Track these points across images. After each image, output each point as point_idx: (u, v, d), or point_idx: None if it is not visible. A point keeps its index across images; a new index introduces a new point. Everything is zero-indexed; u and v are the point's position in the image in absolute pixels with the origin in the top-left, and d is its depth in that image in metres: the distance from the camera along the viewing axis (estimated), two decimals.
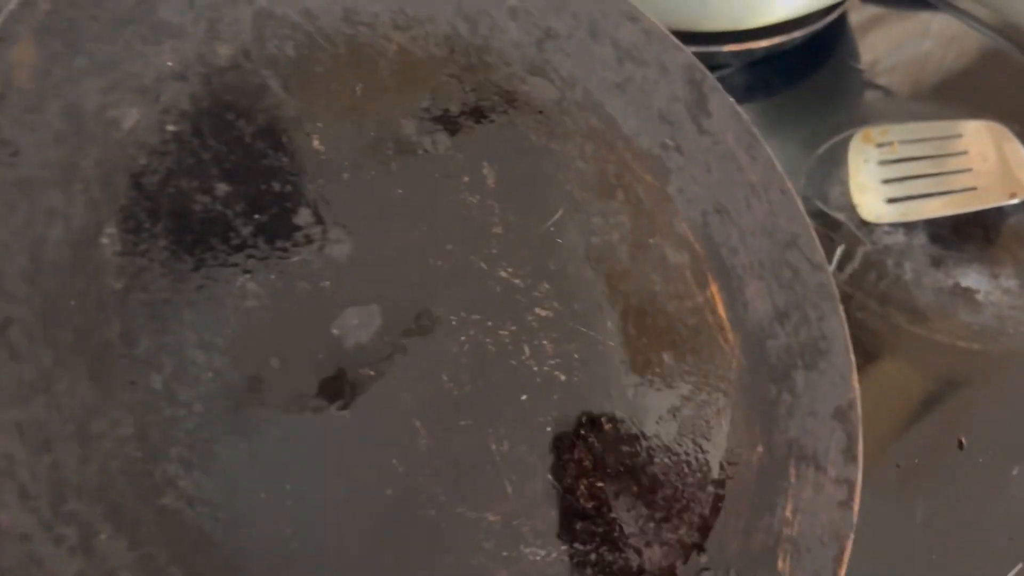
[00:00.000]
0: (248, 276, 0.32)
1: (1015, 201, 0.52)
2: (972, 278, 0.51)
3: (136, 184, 0.31)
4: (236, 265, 0.32)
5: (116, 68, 0.31)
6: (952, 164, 0.52)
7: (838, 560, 0.37)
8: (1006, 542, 0.42)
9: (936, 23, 0.66)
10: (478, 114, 0.39)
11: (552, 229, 0.38)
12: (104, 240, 0.30)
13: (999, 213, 0.53)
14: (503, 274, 0.36)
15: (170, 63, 0.33)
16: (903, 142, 0.43)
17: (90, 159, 0.30)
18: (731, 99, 0.44)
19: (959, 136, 0.53)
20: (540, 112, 0.40)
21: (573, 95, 0.41)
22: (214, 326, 0.30)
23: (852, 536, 0.37)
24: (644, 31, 0.43)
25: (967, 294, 0.50)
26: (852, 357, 0.41)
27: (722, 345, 0.40)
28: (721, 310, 0.41)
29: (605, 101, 0.42)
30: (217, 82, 0.34)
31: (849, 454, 0.39)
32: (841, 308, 0.42)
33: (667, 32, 0.44)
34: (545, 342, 0.36)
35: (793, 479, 0.38)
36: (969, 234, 0.52)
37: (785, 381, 0.40)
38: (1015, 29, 0.63)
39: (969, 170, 0.52)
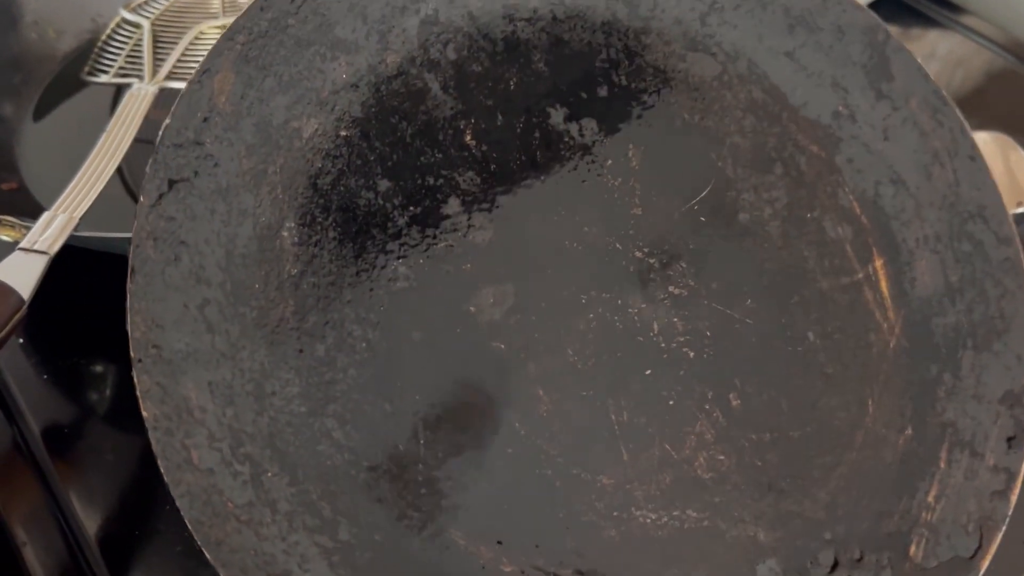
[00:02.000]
0: (400, 261, 0.37)
1: (1022, 210, 0.51)
2: None
3: (313, 184, 0.37)
4: (391, 252, 0.37)
5: (299, 85, 0.38)
6: None
7: (983, 551, 0.36)
8: None
9: (944, 43, 0.66)
10: (629, 97, 0.41)
11: (696, 208, 0.40)
12: (284, 233, 0.37)
13: None
14: (638, 254, 0.39)
15: (345, 76, 0.39)
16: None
17: (276, 165, 0.37)
18: (918, 60, 0.41)
19: None
20: (696, 89, 0.41)
21: (735, 68, 0.42)
22: (369, 304, 0.36)
23: (1003, 528, 0.36)
24: None
25: None
26: None
27: (879, 323, 0.40)
28: (884, 286, 0.40)
29: (771, 71, 0.42)
30: (385, 89, 0.39)
31: (1015, 441, 0.37)
32: None
33: None
34: (676, 320, 0.38)
35: (943, 464, 0.38)
36: None
37: (949, 361, 0.39)
38: (1021, 46, 0.63)
39: None
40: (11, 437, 0.41)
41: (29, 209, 0.47)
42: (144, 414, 0.33)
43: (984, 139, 0.52)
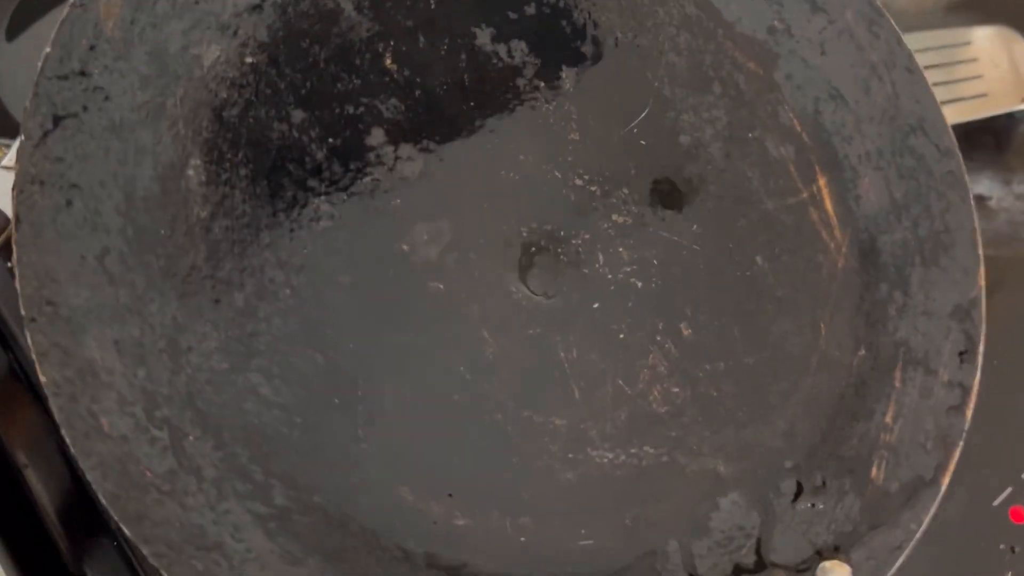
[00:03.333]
0: (323, 198, 0.34)
1: None
2: (984, 185, 0.49)
3: (218, 117, 0.34)
4: (311, 188, 0.34)
5: (195, 8, 0.34)
6: (962, 72, 0.47)
7: (942, 468, 0.35)
8: None
9: None
10: (558, 15, 0.38)
11: (635, 131, 0.37)
12: (190, 172, 0.33)
13: (1011, 119, 0.50)
14: (578, 182, 0.36)
15: None
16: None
17: (175, 98, 0.33)
18: None
19: (968, 43, 0.50)
20: (629, 6, 0.39)
21: None
22: (291, 247, 0.33)
23: (961, 443, 0.35)
24: None
25: (979, 201, 0.48)
26: (980, 251, 0.38)
27: (827, 243, 0.38)
28: (829, 205, 0.39)
29: None
30: (292, 10, 0.35)
31: (967, 356, 0.37)
32: (971, 197, 0.38)
33: None
34: (621, 249, 0.36)
35: (898, 383, 0.37)
36: (980, 141, 0.50)
37: (898, 279, 0.38)
38: None
39: (979, 77, 0.49)
40: (7, 363, 0.37)
41: (9, 129, 0.43)
42: (42, 379, 0.29)
43: (988, 34, 0.51)
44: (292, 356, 0.32)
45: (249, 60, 0.34)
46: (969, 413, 0.36)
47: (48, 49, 0.31)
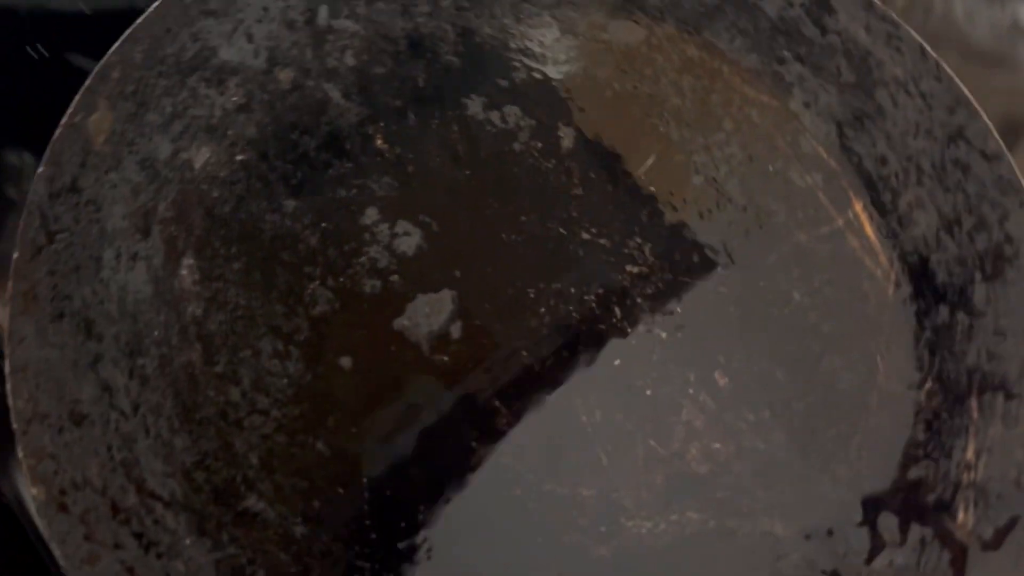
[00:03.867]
0: (317, 283, 0.33)
1: None
2: None
3: (210, 215, 0.33)
4: (306, 274, 0.33)
5: (184, 115, 0.34)
6: None
7: None
8: None
9: None
10: (550, 77, 0.37)
11: (643, 177, 0.36)
12: (183, 272, 0.33)
13: None
14: (585, 236, 0.34)
15: (235, 98, 0.35)
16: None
17: (166, 201, 0.33)
18: None
19: None
20: (624, 58, 0.38)
21: (662, 29, 0.38)
22: (287, 335, 0.32)
23: None
24: None
25: None
26: None
27: (872, 270, 0.35)
28: (869, 230, 0.36)
29: (702, 27, 0.38)
30: (280, 106, 0.35)
31: None
32: None
33: None
34: (639, 300, 0.34)
35: (975, 414, 0.32)
36: None
37: (960, 299, 0.34)
38: None
39: None
40: None
41: None
42: (32, 490, 0.28)
43: None
44: (292, 447, 0.31)
45: (239, 158, 0.34)
46: None
47: (41, 168, 0.32)
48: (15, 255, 0.31)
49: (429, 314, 0.33)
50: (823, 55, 0.38)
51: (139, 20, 0.34)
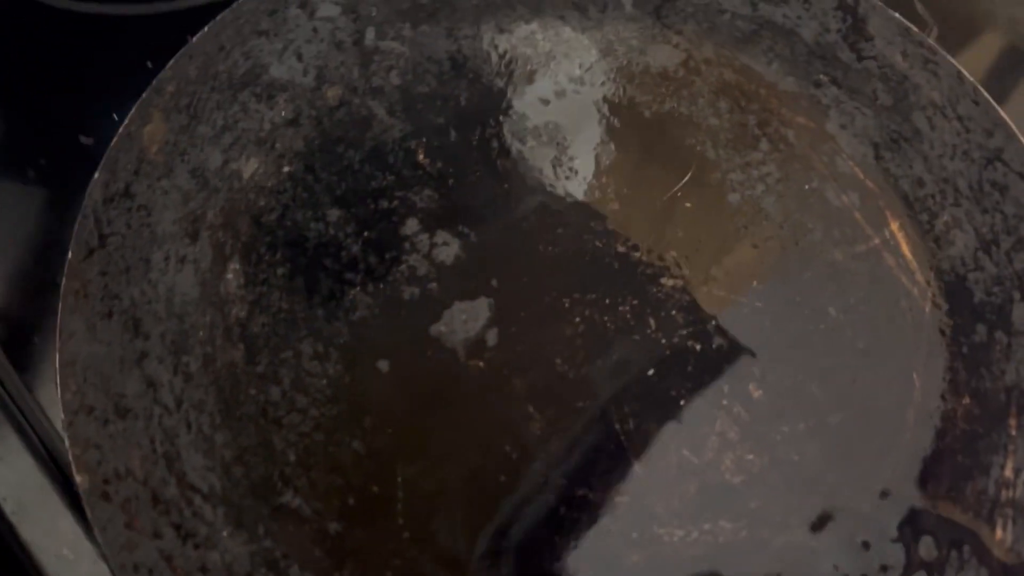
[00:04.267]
0: (358, 289, 0.34)
1: None
2: None
3: (256, 223, 0.34)
4: (347, 280, 0.34)
5: (235, 128, 0.36)
6: None
7: None
8: None
9: None
10: (590, 96, 0.38)
11: (679, 195, 0.36)
12: (229, 276, 0.33)
13: None
14: (621, 249, 0.35)
15: (284, 113, 0.36)
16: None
17: (215, 209, 0.34)
18: (896, 15, 0.38)
19: None
20: (662, 80, 0.38)
21: (701, 53, 0.39)
22: (327, 338, 0.33)
23: None
24: None
25: None
26: None
27: (908, 288, 0.35)
28: (906, 249, 0.36)
29: (739, 52, 0.39)
30: (327, 121, 0.37)
31: None
32: None
33: None
34: (674, 312, 0.34)
35: (1014, 431, 0.32)
36: None
37: (998, 319, 0.34)
38: None
39: None
40: None
41: None
42: (76, 479, 0.29)
43: None
44: (329, 446, 0.31)
45: (286, 169, 0.36)
46: None
47: (97, 175, 0.33)
48: (69, 255, 0.32)
49: (466, 321, 0.33)
50: (859, 79, 0.38)
51: (194, 39, 0.36)
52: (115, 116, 0.39)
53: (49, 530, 0.33)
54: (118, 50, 0.42)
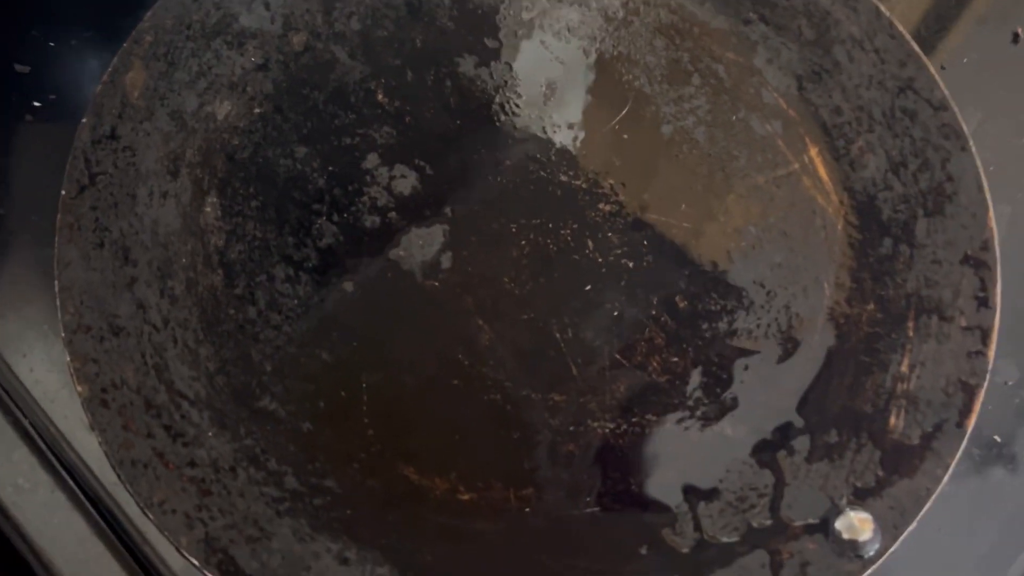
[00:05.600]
0: (324, 218, 0.37)
1: None
2: None
3: (231, 160, 0.38)
4: (315, 211, 0.37)
5: (209, 73, 0.39)
6: None
7: (965, 411, 0.34)
8: None
9: None
10: (536, 37, 0.41)
11: (617, 127, 0.39)
12: (207, 208, 0.37)
13: None
14: (563, 178, 0.38)
15: (253, 59, 0.40)
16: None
17: (193, 148, 0.38)
18: None
19: None
20: (604, 19, 0.41)
21: None
22: (297, 263, 0.36)
23: (985, 384, 0.34)
24: None
25: None
26: (986, 195, 0.37)
27: (823, 207, 0.39)
28: (823, 172, 0.39)
29: None
30: (294, 65, 0.40)
31: (983, 299, 0.36)
32: (971, 144, 0.38)
33: None
34: (610, 234, 0.37)
35: (911, 333, 0.36)
36: None
37: (902, 233, 0.38)
38: None
39: None
40: None
41: None
42: (78, 389, 0.33)
43: None
44: (302, 357, 0.35)
45: (257, 110, 0.39)
46: (991, 354, 0.35)
47: (84, 119, 0.37)
48: (62, 193, 0.36)
49: (422, 246, 0.37)
50: (786, 16, 0.41)
51: None
52: (51, 43, 0.42)
53: (3, 461, 0.36)
54: None
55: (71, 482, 0.38)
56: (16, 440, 0.37)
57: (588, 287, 0.37)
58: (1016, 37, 0.41)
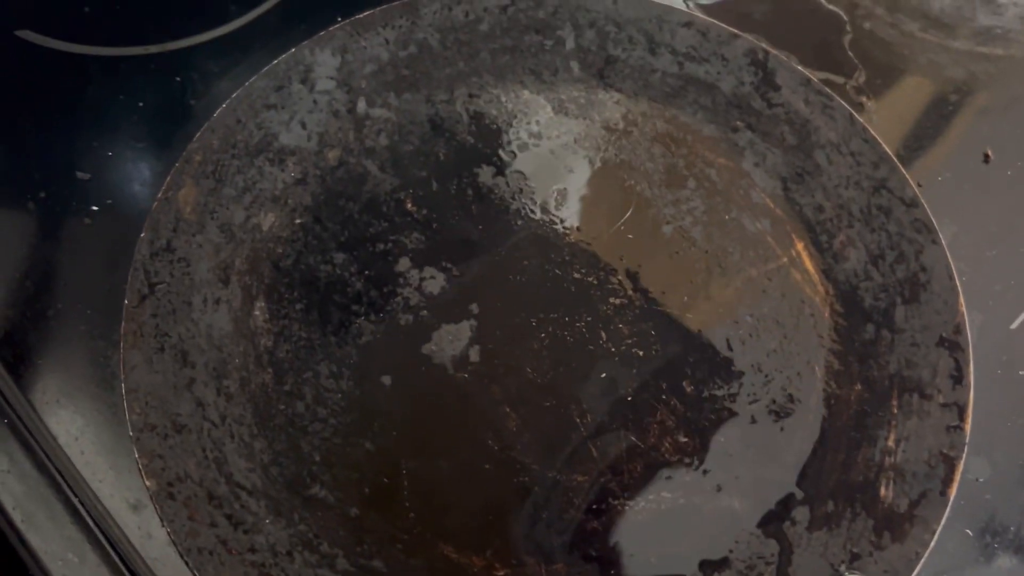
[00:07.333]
0: (363, 318, 0.41)
1: None
2: None
3: (276, 267, 0.42)
4: (354, 312, 0.41)
5: (253, 188, 0.43)
6: None
7: (947, 480, 0.38)
8: None
9: None
10: (547, 148, 0.46)
11: (622, 228, 0.44)
12: (256, 312, 0.41)
13: None
14: (576, 275, 0.43)
15: (293, 174, 0.44)
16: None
17: (241, 257, 0.42)
18: (799, 68, 0.46)
19: None
20: (607, 130, 0.46)
21: (637, 107, 0.47)
22: (340, 359, 0.40)
23: (963, 456, 0.38)
24: (700, 32, 0.47)
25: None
26: (956, 283, 0.41)
27: (811, 297, 0.43)
28: (809, 264, 0.44)
29: (669, 104, 0.47)
30: (330, 179, 0.44)
31: (957, 378, 0.40)
32: (940, 237, 0.42)
33: (724, 26, 0.47)
34: (620, 325, 0.42)
35: (896, 410, 0.40)
36: None
37: (883, 319, 0.42)
38: None
39: None
40: None
41: None
42: (146, 484, 0.36)
43: None
44: (347, 446, 0.39)
45: (298, 221, 0.43)
46: (967, 428, 0.39)
47: (143, 234, 0.41)
48: (125, 302, 0.39)
49: (452, 341, 0.41)
50: (770, 123, 0.46)
51: (215, 114, 0.43)
52: (109, 153, 0.46)
53: (56, 537, 0.39)
54: (111, 89, 0.48)
55: (115, 557, 0.40)
56: (67, 518, 0.40)
57: (603, 375, 0.41)
58: (987, 157, 0.46)
